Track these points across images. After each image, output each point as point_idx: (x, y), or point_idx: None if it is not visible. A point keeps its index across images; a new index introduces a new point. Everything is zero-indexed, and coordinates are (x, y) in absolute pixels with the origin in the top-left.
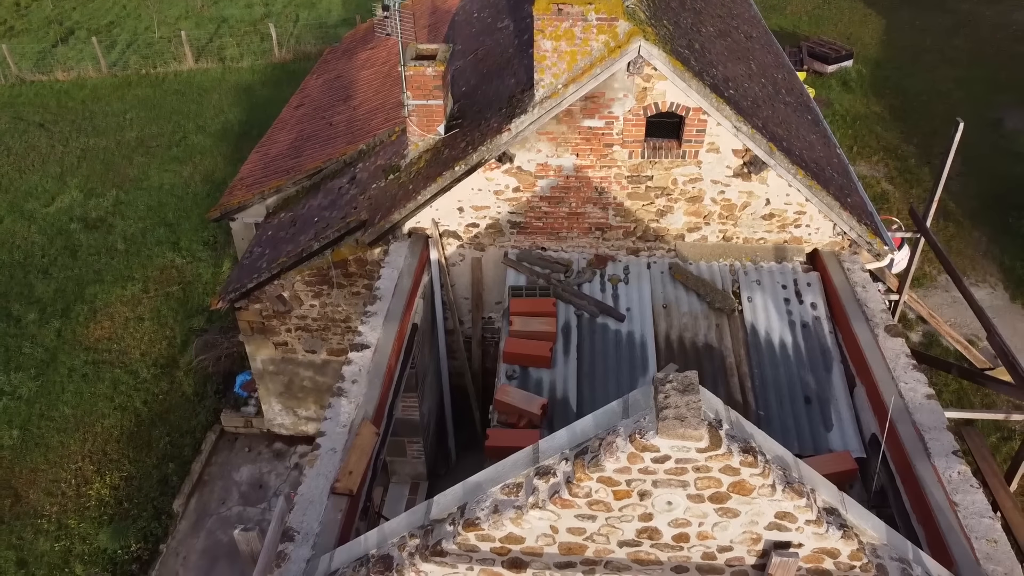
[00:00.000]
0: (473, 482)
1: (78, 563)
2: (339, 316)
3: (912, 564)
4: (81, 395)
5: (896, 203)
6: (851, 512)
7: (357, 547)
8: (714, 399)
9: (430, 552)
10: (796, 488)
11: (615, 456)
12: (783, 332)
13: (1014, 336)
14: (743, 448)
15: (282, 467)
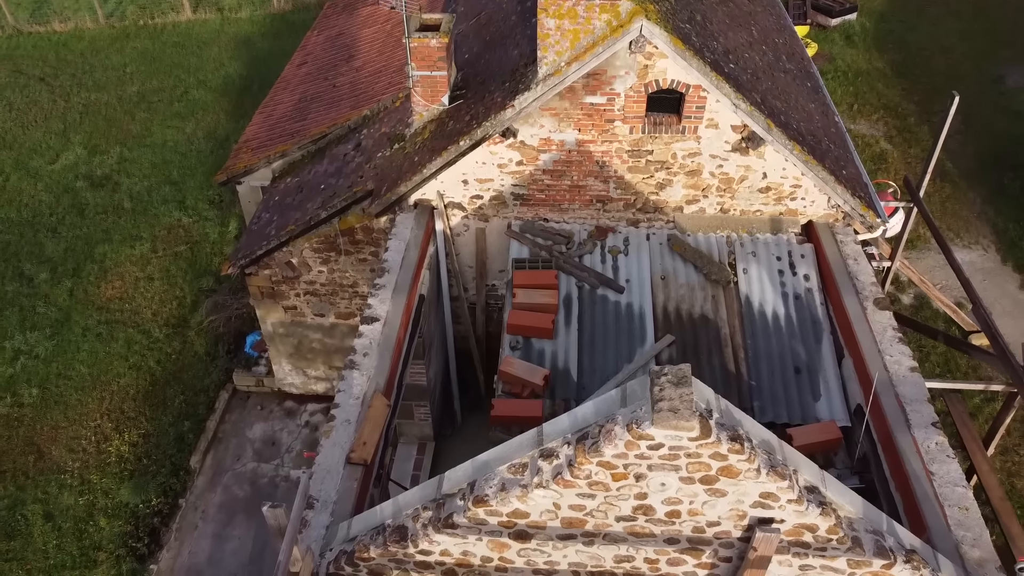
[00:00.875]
0: (482, 460)
1: (102, 516)
2: (346, 281)
3: (885, 535)
4: (96, 354)
5: (894, 163)
6: (830, 489)
7: (373, 516)
8: (706, 389)
9: (442, 524)
10: (779, 471)
11: (613, 443)
12: (776, 304)
13: (1003, 298)
14: (731, 436)
15: (293, 425)
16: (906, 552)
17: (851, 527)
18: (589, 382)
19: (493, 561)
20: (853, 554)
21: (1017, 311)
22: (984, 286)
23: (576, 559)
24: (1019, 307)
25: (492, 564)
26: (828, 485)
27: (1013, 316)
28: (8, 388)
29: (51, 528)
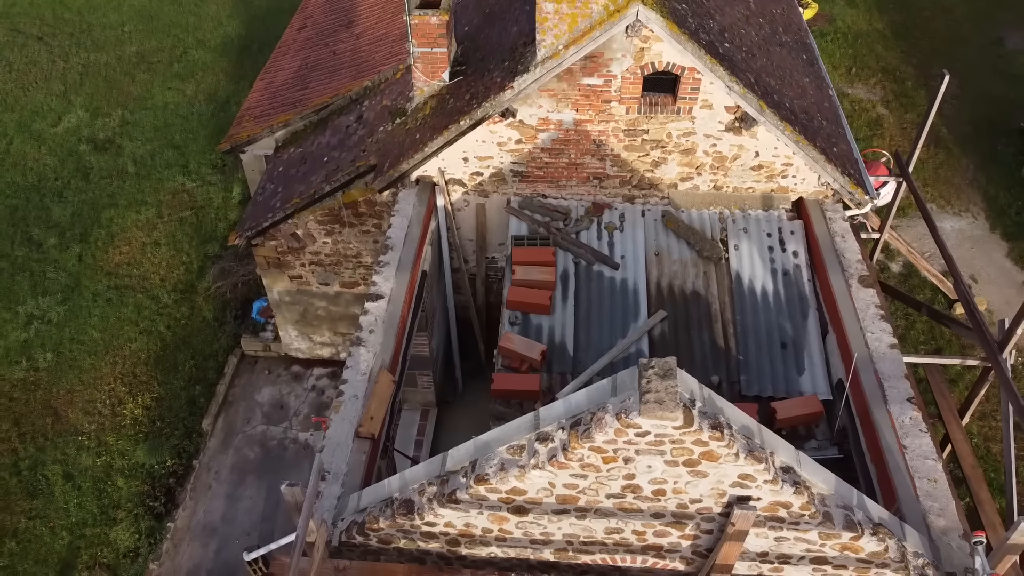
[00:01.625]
0: (483, 440)
1: (119, 476)
2: (350, 252)
3: (855, 510)
4: (107, 319)
5: (890, 129)
6: (805, 468)
7: (382, 489)
8: (690, 380)
9: (446, 499)
10: (756, 455)
11: (604, 430)
12: (765, 280)
13: (989, 266)
14: (712, 425)
15: (300, 389)
16: (873, 525)
17: (823, 503)
18: (584, 356)
19: (493, 532)
20: (824, 528)
21: (1002, 279)
22: (971, 254)
23: (569, 531)
24: (1004, 275)
25: (492, 534)
26: (803, 465)
27: (998, 284)
28: (24, 353)
29: (71, 488)
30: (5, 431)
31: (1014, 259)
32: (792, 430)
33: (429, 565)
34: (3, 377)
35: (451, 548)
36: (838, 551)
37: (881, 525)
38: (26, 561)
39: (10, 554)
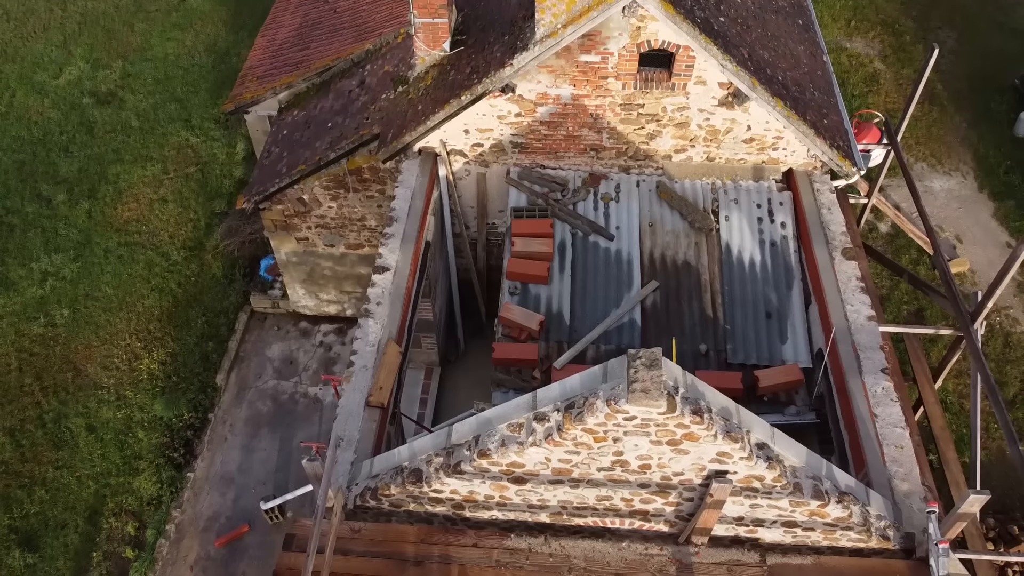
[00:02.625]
0: (485, 417)
1: (139, 429)
2: (355, 216)
3: (823, 479)
4: (119, 276)
5: (886, 84)
6: (778, 444)
7: (392, 457)
8: (675, 368)
9: (452, 470)
10: (733, 436)
11: (595, 414)
12: (753, 251)
13: (975, 227)
14: (693, 410)
15: (309, 345)
16: (839, 494)
17: (794, 475)
18: (580, 325)
19: (495, 498)
20: (794, 497)
21: (986, 239)
22: (958, 214)
23: (564, 498)
24: (989, 235)
25: (494, 500)
26: (776, 441)
27: (982, 244)
28: (41, 309)
29: (95, 439)
30: (28, 385)
31: (999, 219)
32: (773, 396)
33: (436, 526)
34: (23, 333)
35: (456, 511)
36: (807, 516)
37: (847, 494)
38: (56, 508)
39: (40, 501)
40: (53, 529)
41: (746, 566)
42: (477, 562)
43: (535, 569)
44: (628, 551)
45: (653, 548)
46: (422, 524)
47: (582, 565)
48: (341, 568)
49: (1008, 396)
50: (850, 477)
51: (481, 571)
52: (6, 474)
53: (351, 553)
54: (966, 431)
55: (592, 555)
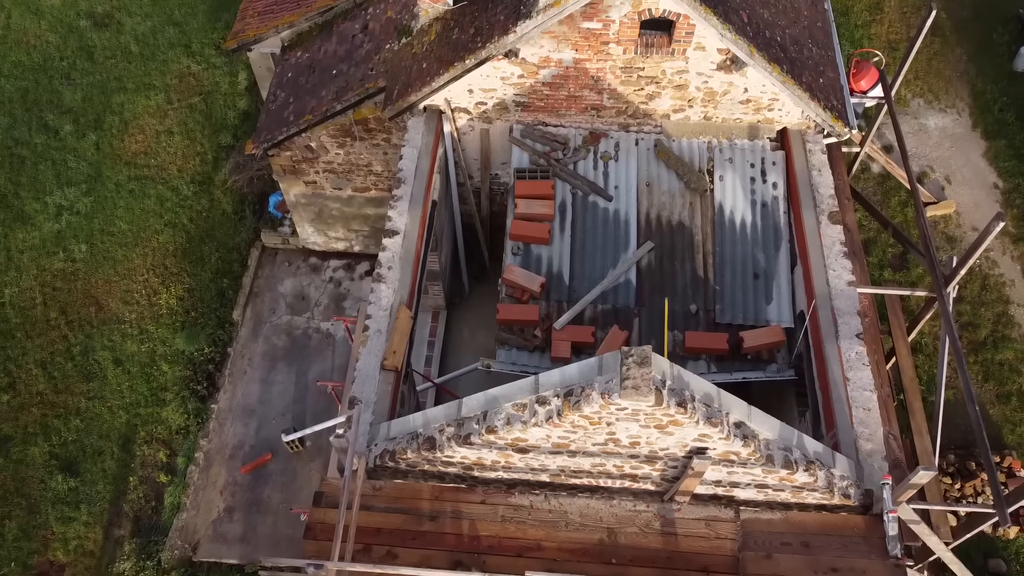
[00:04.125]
0: (492, 395)
1: (163, 362)
2: (361, 162)
3: (793, 449)
4: (132, 211)
5: (890, 13)
6: (754, 420)
7: (408, 423)
8: (663, 362)
9: (462, 441)
10: (713, 421)
11: (590, 404)
12: (745, 211)
13: (965, 166)
14: (678, 402)
15: (319, 280)
16: (807, 463)
17: (767, 447)
18: (579, 285)
19: (500, 463)
20: (766, 466)
21: (975, 180)
22: (950, 154)
23: (562, 464)
24: (977, 176)
25: (500, 464)
26: (752, 417)
27: (970, 186)
28: (59, 244)
29: (122, 372)
30: (54, 319)
31: (989, 159)
32: (756, 355)
33: (448, 481)
34: (44, 268)
35: (466, 471)
36: (777, 481)
37: (813, 462)
38: (91, 436)
39: (77, 430)
40: (91, 456)
41: (722, 521)
42: (485, 517)
43: (536, 523)
44: (618, 507)
45: (640, 505)
46: (435, 480)
47: (577, 520)
48: (365, 522)
49: (979, 338)
50: (818, 444)
51: (488, 525)
52: (42, 404)
53: (373, 509)
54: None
55: (586, 511)
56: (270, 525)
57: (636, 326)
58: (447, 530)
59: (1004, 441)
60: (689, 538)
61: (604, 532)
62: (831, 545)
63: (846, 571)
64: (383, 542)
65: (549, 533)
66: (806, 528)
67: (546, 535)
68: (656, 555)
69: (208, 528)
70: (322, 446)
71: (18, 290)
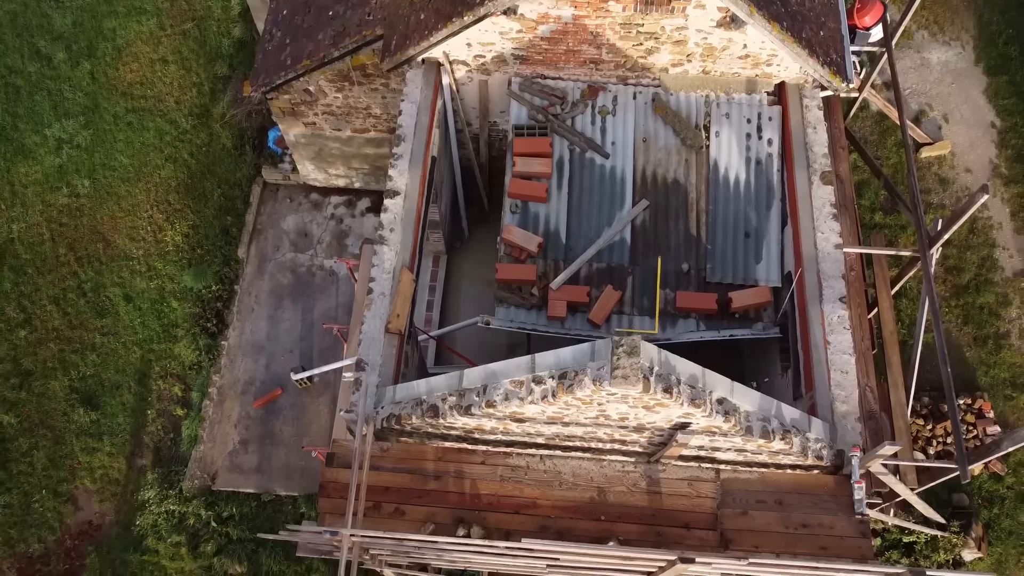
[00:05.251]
0: (491, 369)
1: (172, 299)
2: (360, 105)
3: (772, 419)
4: (132, 145)
5: None
6: (736, 395)
7: (412, 389)
8: (651, 350)
9: (463, 411)
10: (697, 403)
11: (583, 389)
12: (739, 169)
13: (964, 104)
14: (664, 388)
15: (321, 217)
16: (783, 432)
17: (747, 419)
18: (575, 244)
19: (500, 429)
20: (745, 436)
21: (973, 119)
22: (950, 91)
23: (556, 431)
24: (976, 114)
25: (499, 430)
26: (735, 393)
27: (967, 124)
28: (62, 179)
29: (133, 308)
30: (63, 255)
31: (989, 96)
32: (744, 314)
33: (450, 442)
34: (49, 203)
35: (467, 434)
36: (755, 447)
37: (789, 431)
38: (108, 371)
39: (94, 365)
40: (109, 390)
41: (703, 481)
42: (485, 476)
43: (532, 483)
44: (608, 468)
45: (629, 466)
46: (438, 439)
47: (570, 480)
48: (374, 481)
49: (963, 281)
50: (795, 411)
51: (488, 484)
52: (59, 339)
53: (381, 469)
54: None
55: (579, 471)
56: (283, 457)
57: (630, 285)
58: (450, 488)
59: (977, 383)
60: (673, 496)
61: (595, 491)
62: (803, 503)
63: (815, 526)
64: (391, 500)
65: (544, 492)
66: (780, 487)
67: (541, 493)
68: (642, 512)
69: (225, 459)
70: (329, 382)
71: (25, 226)
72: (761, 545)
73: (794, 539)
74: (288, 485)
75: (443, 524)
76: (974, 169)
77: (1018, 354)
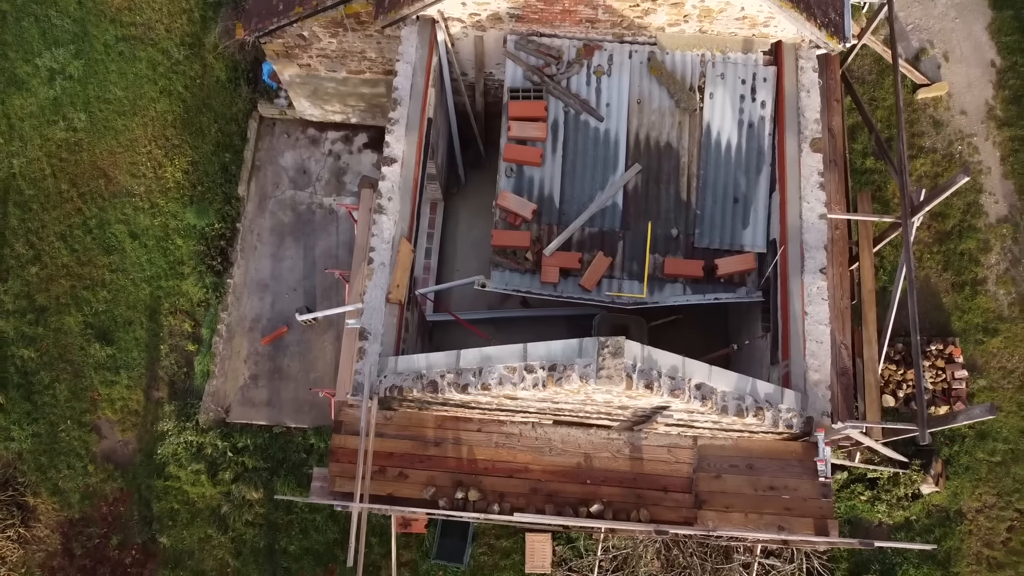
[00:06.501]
0: (486, 353)
1: (177, 236)
2: (355, 49)
3: (746, 396)
4: (126, 76)
5: None
6: (713, 378)
7: (413, 362)
8: (635, 348)
9: (460, 389)
10: (676, 393)
11: (570, 383)
12: (732, 133)
13: (965, 41)
14: (646, 384)
15: (319, 153)
16: (756, 408)
17: (723, 399)
18: (569, 208)
19: (495, 404)
20: (721, 414)
21: (973, 57)
22: (953, 26)
23: (546, 407)
24: (976, 52)
25: (494, 405)
26: (712, 376)
27: (967, 63)
28: (57, 112)
29: (139, 245)
30: (66, 191)
31: (992, 32)
32: (729, 279)
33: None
34: (47, 137)
35: (464, 404)
36: (729, 421)
37: (761, 407)
38: (119, 307)
39: (106, 301)
40: (122, 325)
41: (682, 448)
42: (481, 443)
43: (525, 449)
44: (595, 436)
45: (613, 434)
46: (438, 406)
47: (559, 446)
48: (378, 447)
49: (947, 228)
50: (769, 385)
51: (484, 450)
52: (69, 276)
53: (385, 436)
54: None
55: (567, 439)
56: (292, 391)
57: (620, 249)
58: (449, 454)
59: (951, 328)
60: (653, 462)
61: (582, 457)
62: (771, 467)
63: (781, 489)
64: (395, 464)
65: (535, 457)
66: (752, 452)
67: (533, 459)
68: (624, 476)
69: (237, 393)
70: (333, 320)
71: (26, 160)
72: (732, 506)
73: (762, 500)
74: (297, 418)
75: (443, 487)
76: (969, 111)
77: (992, 300)
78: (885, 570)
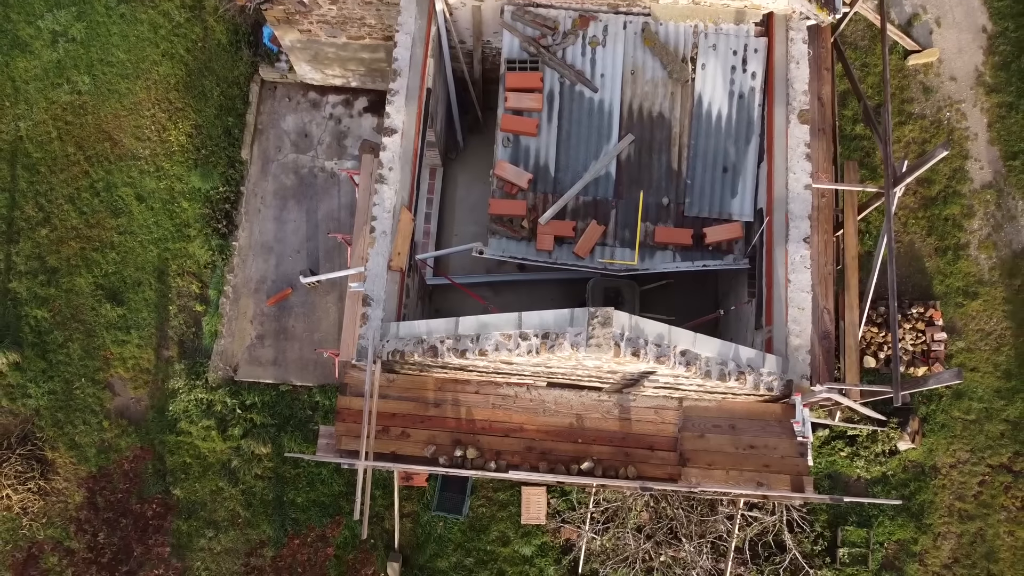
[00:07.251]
0: (483, 321)
1: (183, 199)
2: (355, 16)
3: (729, 362)
4: (128, 39)
5: None
6: (698, 345)
7: (414, 328)
8: (623, 317)
9: (459, 355)
10: (661, 359)
11: (562, 350)
12: (722, 103)
13: (958, 7)
14: (633, 352)
15: (320, 117)
16: (738, 373)
17: (707, 365)
18: (563, 176)
19: (491, 367)
20: (704, 379)
21: (965, 22)
22: None
23: (540, 371)
24: (969, 17)
25: (491, 368)
26: (697, 343)
27: (959, 28)
28: (61, 74)
29: (146, 208)
30: (73, 154)
31: None
32: (717, 247)
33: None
34: (52, 100)
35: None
36: (713, 385)
37: (743, 372)
38: (128, 268)
39: (115, 263)
40: (132, 286)
41: (668, 409)
42: (479, 404)
43: (520, 410)
44: (586, 397)
45: (603, 396)
46: (438, 369)
47: (552, 407)
48: (382, 408)
49: (932, 193)
50: (751, 351)
51: (481, 411)
52: (79, 238)
53: (388, 397)
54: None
55: (560, 400)
56: (297, 350)
57: (613, 218)
58: (448, 415)
59: (933, 291)
60: (641, 422)
61: (574, 417)
62: (752, 427)
63: (760, 447)
64: (397, 424)
65: (530, 418)
66: (734, 413)
67: (528, 419)
68: (613, 436)
69: (244, 353)
70: (336, 282)
71: (32, 123)
72: (714, 463)
73: (742, 458)
74: (303, 376)
75: (443, 445)
76: (959, 77)
77: (974, 264)
78: (862, 521)
